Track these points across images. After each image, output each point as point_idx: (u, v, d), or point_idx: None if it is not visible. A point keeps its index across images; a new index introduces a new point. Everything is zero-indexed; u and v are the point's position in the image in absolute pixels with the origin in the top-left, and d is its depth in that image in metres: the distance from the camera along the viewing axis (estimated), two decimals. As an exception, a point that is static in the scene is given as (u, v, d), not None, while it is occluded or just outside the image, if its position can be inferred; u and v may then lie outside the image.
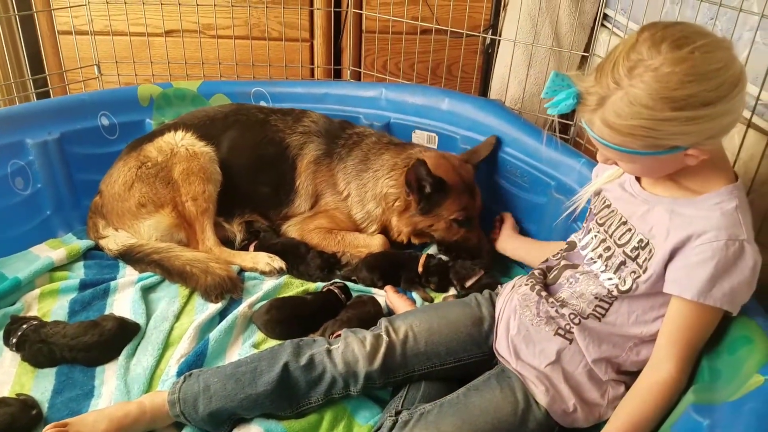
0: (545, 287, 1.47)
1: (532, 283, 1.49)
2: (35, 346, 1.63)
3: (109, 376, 1.62)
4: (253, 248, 2.12)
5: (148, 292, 1.92)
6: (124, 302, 1.86)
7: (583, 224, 1.56)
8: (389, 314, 1.77)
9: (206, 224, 2.08)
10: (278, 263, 2.03)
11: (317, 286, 1.96)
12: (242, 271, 2.03)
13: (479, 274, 1.90)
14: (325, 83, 2.61)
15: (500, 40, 2.56)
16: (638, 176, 1.38)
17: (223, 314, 1.82)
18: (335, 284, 1.90)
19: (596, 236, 1.42)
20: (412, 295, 1.95)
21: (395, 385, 1.52)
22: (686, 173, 1.27)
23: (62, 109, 2.24)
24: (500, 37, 2.57)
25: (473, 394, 1.40)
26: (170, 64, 2.77)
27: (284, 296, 1.90)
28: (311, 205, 2.19)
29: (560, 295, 1.43)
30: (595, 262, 1.40)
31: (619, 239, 1.36)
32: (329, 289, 1.88)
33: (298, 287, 1.97)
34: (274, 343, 1.66)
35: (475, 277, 1.90)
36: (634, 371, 1.34)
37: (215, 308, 1.83)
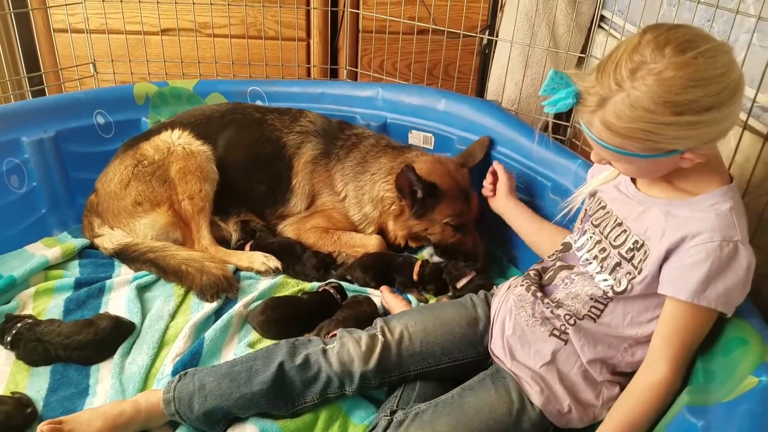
0: (540, 288, 1.48)
1: (527, 283, 1.49)
2: (30, 344, 1.62)
3: (104, 374, 1.62)
4: (249, 248, 2.12)
5: (143, 291, 1.92)
6: (119, 301, 1.86)
7: (575, 225, 1.56)
8: (385, 314, 1.77)
9: (202, 223, 2.08)
10: (274, 263, 2.03)
11: (313, 285, 1.96)
12: (238, 270, 2.03)
13: (470, 275, 1.89)
14: (321, 83, 2.60)
15: (497, 40, 2.56)
16: (633, 177, 1.38)
17: (218, 313, 1.82)
18: (330, 284, 1.90)
19: (591, 237, 1.42)
20: (407, 295, 1.95)
21: (390, 385, 1.52)
22: (682, 175, 1.27)
23: (58, 107, 2.23)
24: (497, 37, 2.57)
25: (468, 394, 1.40)
26: (166, 62, 2.76)
27: (280, 296, 1.90)
28: (307, 204, 2.19)
29: (555, 295, 1.44)
30: (590, 263, 1.40)
31: (614, 240, 1.36)
32: (325, 289, 1.88)
33: (293, 287, 1.97)
34: (269, 342, 1.66)
35: (466, 278, 1.89)
36: (628, 372, 1.35)
37: (211, 307, 1.83)
